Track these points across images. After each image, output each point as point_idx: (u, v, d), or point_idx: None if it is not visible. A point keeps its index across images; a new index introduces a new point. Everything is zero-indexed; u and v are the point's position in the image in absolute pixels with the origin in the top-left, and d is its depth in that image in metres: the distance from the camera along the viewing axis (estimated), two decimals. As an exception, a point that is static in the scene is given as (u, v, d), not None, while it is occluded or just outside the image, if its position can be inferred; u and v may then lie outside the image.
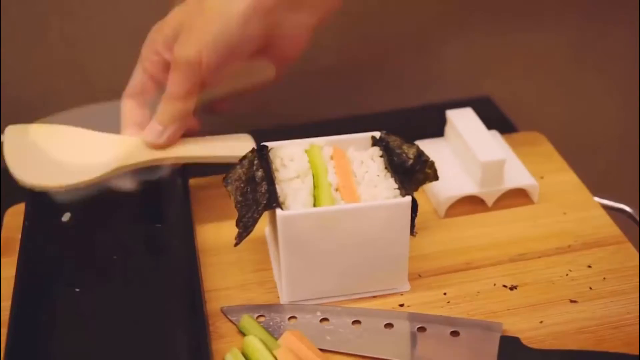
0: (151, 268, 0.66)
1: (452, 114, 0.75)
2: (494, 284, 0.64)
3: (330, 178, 0.61)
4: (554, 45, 0.95)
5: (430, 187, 0.70)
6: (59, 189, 0.65)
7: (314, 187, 0.60)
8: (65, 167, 0.66)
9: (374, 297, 0.63)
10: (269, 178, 0.60)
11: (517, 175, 0.72)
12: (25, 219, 0.69)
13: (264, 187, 0.60)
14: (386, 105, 0.66)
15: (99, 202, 0.68)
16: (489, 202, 0.71)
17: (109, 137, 0.69)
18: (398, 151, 0.63)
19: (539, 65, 0.95)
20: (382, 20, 0.88)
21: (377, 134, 0.64)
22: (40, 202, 0.69)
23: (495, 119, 0.82)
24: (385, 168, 0.62)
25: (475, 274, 0.65)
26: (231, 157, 0.68)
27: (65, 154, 0.67)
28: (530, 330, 0.60)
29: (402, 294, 0.64)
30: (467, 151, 0.72)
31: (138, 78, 0.70)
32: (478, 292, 0.63)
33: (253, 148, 0.63)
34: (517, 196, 0.72)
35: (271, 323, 0.61)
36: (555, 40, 0.95)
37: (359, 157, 0.63)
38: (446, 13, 0.90)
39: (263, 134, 0.69)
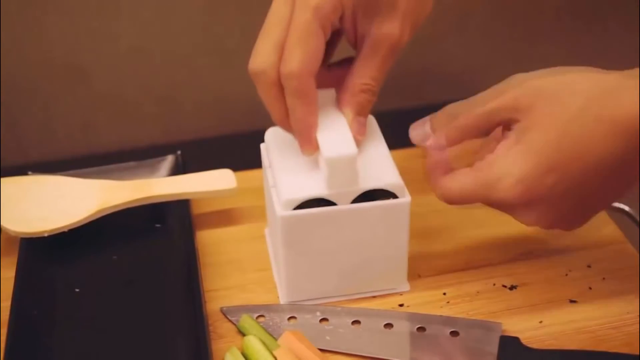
0: (151, 268, 0.66)
1: None
2: (494, 284, 0.64)
3: None
4: (553, 45, 0.95)
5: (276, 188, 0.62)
6: (42, 234, 0.67)
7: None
8: (48, 214, 0.68)
9: (374, 297, 0.63)
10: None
11: (382, 174, 0.60)
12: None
13: None
14: (386, 105, 0.66)
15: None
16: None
17: (90, 182, 0.71)
18: None
19: (538, 65, 0.95)
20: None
21: None
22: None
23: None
24: None
25: (475, 273, 0.65)
26: (212, 193, 0.70)
27: (48, 201, 0.69)
28: (530, 330, 0.60)
29: (401, 294, 0.64)
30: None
31: (320, 53, 0.57)
32: (477, 292, 0.63)
33: None
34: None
35: (271, 323, 0.61)
36: (554, 39, 0.95)
37: None
38: (446, 13, 0.90)
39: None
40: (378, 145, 0.62)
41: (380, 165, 0.60)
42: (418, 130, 0.59)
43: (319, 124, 0.58)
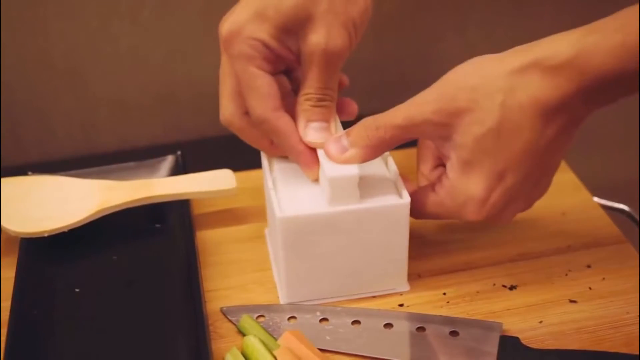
0: (151, 268, 0.66)
1: None
2: (494, 284, 0.64)
3: None
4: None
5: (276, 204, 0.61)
6: (42, 234, 0.67)
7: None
8: (48, 214, 0.68)
9: (374, 297, 0.63)
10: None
11: (387, 194, 0.60)
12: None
13: None
14: (386, 106, 0.66)
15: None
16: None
17: (90, 182, 0.71)
18: None
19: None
20: (381, 20, 0.88)
21: None
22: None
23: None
24: None
25: (475, 273, 0.65)
26: (212, 193, 0.70)
27: (48, 201, 0.69)
28: (529, 330, 0.60)
29: (401, 294, 0.64)
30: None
31: (272, 87, 0.59)
32: (477, 292, 0.64)
33: None
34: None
35: (271, 323, 0.61)
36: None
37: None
38: (446, 12, 0.90)
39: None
40: (383, 162, 0.63)
41: (383, 181, 0.61)
42: (336, 145, 0.59)
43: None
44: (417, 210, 0.61)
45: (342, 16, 0.59)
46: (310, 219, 0.58)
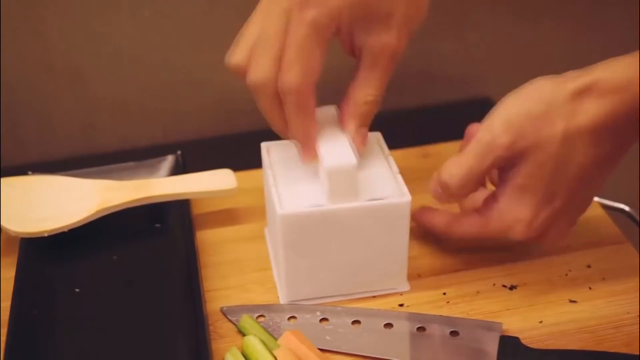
0: (151, 268, 0.66)
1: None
2: (494, 284, 0.64)
3: None
4: (554, 45, 0.95)
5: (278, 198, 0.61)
6: (42, 234, 0.67)
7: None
8: (48, 214, 0.68)
9: (374, 297, 0.63)
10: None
11: (384, 187, 0.61)
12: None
13: None
14: (386, 105, 0.66)
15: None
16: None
17: (90, 182, 0.71)
18: None
19: (539, 64, 0.95)
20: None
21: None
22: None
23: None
24: None
25: (475, 273, 0.65)
26: (212, 193, 0.70)
27: (48, 201, 0.69)
28: (529, 330, 0.60)
29: (401, 294, 0.64)
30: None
31: (321, 63, 0.58)
32: (477, 292, 0.63)
33: None
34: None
35: (271, 323, 0.61)
36: (555, 39, 0.95)
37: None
38: (446, 12, 0.90)
39: (266, 134, 0.69)
40: (384, 161, 0.63)
41: (383, 179, 0.61)
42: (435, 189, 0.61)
43: (321, 138, 0.60)
44: (456, 230, 0.62)
45: (411, 21, 0.59)
46: (310, 216, 0.58)
